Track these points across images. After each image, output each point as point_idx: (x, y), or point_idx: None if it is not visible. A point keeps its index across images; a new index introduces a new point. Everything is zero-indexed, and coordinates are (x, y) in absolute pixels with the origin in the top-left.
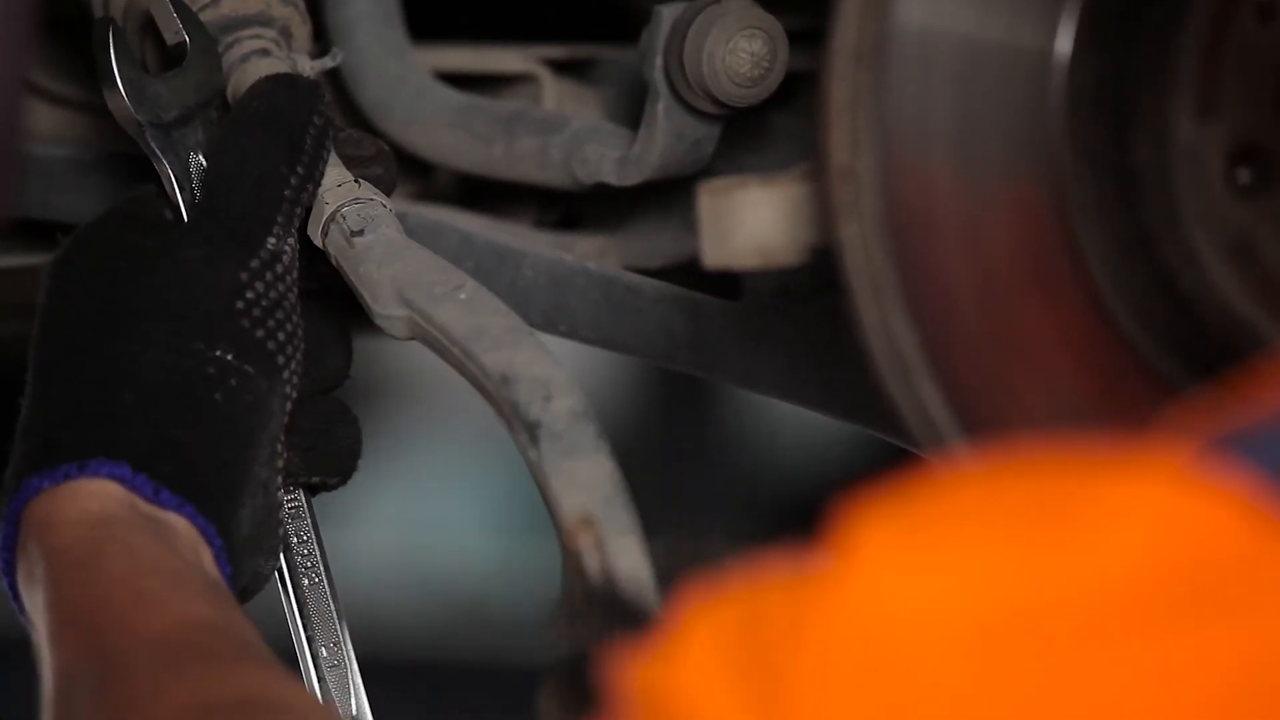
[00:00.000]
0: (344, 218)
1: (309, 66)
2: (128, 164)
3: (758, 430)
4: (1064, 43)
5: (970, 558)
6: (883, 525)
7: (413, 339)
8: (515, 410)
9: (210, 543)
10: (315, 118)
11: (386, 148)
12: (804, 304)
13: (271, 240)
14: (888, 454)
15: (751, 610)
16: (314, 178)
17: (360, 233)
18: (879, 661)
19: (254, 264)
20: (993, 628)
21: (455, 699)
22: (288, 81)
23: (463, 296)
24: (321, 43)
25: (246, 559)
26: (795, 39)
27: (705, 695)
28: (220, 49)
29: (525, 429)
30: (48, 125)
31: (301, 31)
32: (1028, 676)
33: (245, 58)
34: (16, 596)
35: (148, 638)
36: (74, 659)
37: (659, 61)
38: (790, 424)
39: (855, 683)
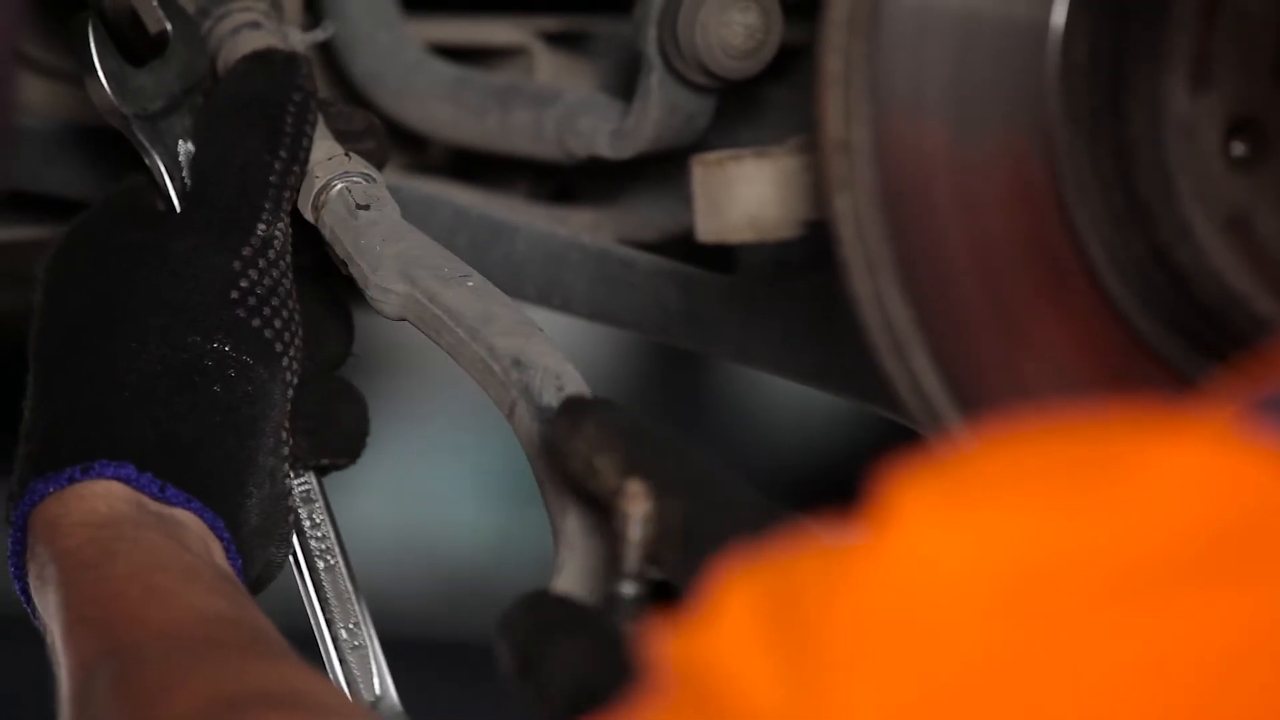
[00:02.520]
0: (349, 191)
1: (299, 39)
2: (120, 137)
3: (752, 404)
4: (1059, 14)
5: (1007, 522)
6: (919, 492)
7: (403, 319)
8: (527, 392)
9: (219, 536)
10: (294, 94)
11: (378, 122)
12: (798, 278)
13: (261, 227)
14: (884, 428)
15: (786, 579)
16: (298, 158)
17: (365, 207)
18: (913, 625)
19: (246, 252)
20: (1026, 589)
21: (453, 674)
22: (263, 60)
23: (471, 284)
24: (313, 14)
25: (257, 549)
26: (789, 11)
27: (740, 663)
28: (210, 21)
29: (538, 413)
30: (40, 98)
31: (293, 3)
32: (1059, 637)
33: (236, 30)
34: (29, 601)
35: (162, 632)
36: (89, 657)
37: (652, 33)
38: (785, 398)
39: (889, 646)
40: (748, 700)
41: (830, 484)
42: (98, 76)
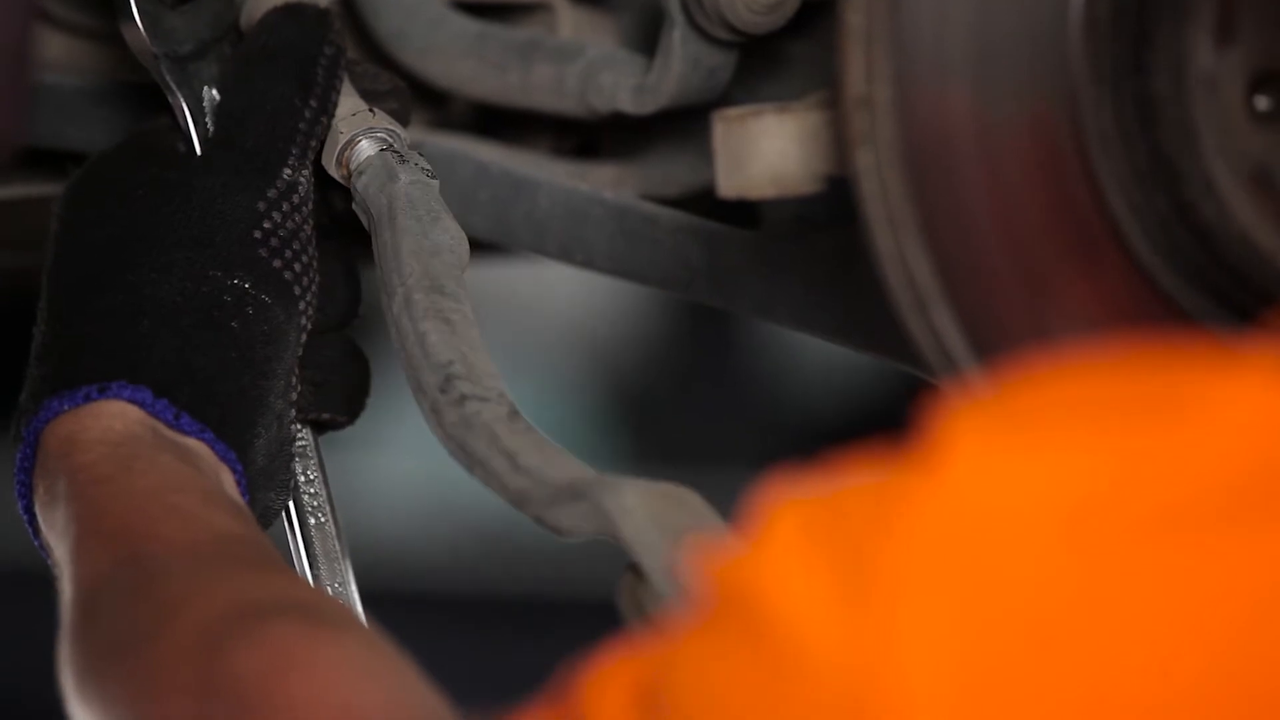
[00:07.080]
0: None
1: None
2: (140, 93)
3: (779, 358)
4: None
5: (1064, 454)
6: (974, 424)
7: None
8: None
9: (231, 469)
10: (325, 48)
11: (403, 83)
12: (821, 234)
13: (287, 171)
14: (908, 382)
15: (836, 509)
16: (327, 109)
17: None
18: (968, 554)
19: (271, 194)
20: (1083, 520)
21: (478, 628)
22: (296, 12)
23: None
24: None
25: (260, 491)
26: None
27: (789, 588)
28: None
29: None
30: (60, 53)
31: None
32: (1115, 569)
33: None
34: (32, 519)
35: (183, 546)
36: (104, 566)
37: None
38: (812, 352)
39: (944, 574)
40: (797, 623)
41: (856, 438)
42: (132, 15)
